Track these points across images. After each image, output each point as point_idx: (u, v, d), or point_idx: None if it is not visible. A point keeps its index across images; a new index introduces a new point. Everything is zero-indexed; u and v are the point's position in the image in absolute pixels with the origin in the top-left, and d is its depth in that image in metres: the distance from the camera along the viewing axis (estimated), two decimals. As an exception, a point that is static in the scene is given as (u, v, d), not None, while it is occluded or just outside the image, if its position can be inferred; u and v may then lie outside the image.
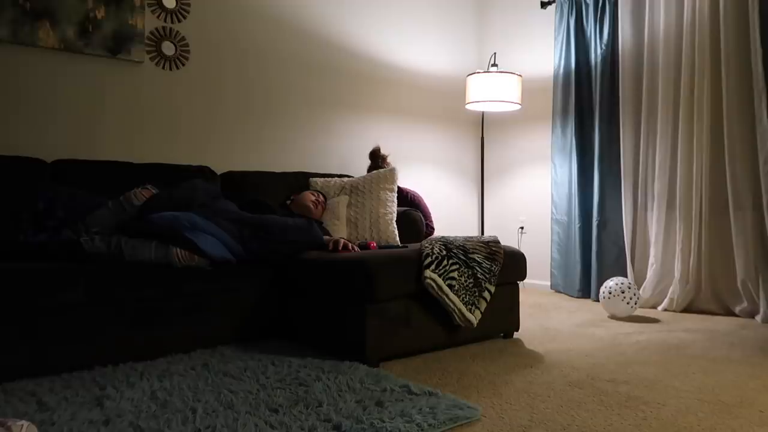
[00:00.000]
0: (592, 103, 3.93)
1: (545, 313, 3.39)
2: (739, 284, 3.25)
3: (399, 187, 3.71)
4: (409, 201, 3.63)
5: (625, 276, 3.63)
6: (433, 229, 3.64)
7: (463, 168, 4.72)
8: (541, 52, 4.32)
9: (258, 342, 2.53)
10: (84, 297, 2.12)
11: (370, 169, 3.63)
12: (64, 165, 2.76)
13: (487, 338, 2.65)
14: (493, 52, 4.30)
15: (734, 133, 3.25)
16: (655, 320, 3.18)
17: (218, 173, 3.25)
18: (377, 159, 3.64)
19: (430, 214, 3.66)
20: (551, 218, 4.17)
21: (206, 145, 3.40)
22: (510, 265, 2.64)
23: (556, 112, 4.13)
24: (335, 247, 2.60)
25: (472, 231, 4.73)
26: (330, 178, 3.50)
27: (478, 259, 2.52)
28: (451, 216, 4.50)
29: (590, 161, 3.94)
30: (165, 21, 3.25)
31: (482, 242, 2.62)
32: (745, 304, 3.24)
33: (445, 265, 2.40)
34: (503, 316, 2.67)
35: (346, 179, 3.46)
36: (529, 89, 4.25)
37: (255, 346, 2.46)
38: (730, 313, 3.30)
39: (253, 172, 3.37)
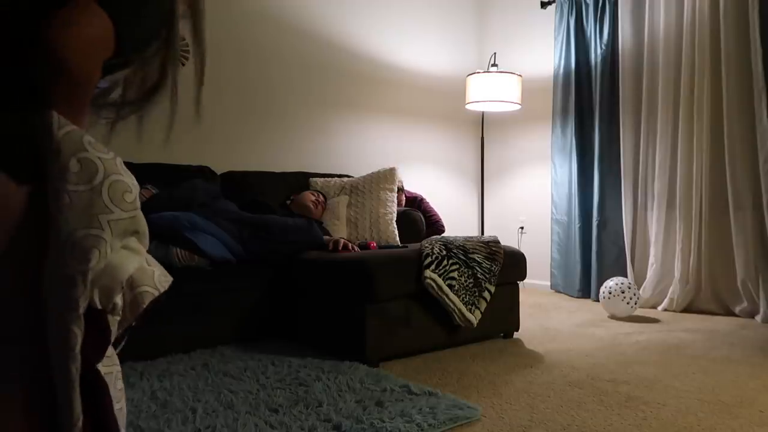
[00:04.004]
0: (592, 103, 3.93)
1: (545, 313, 3.39)
2: (739, 284, 3.25)
3: (407, 192, 3.75)
4: (416, 204, 3.69)
5: (625, 276, 3.63)
6: (443, 227, 3.67)
7: (463, 168, 4.72)
8: (541, 52, 4.32)
9: (258, 342, 2.53)
10: (84, 297, 2.12)
11: None
12: (64, 165, 2.76)
13: (487, 338, 2.65)
14: (493, 52, 4.30)
15: (734, 133, 3.25)
16: (655, 320, 3.18)
17: (218, 173, 3.25)
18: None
19: (437, 214, 3.70)
20: (551, 218, 4.17)
21: (206, 145, 3.40)
22: (510, 265, 2.64)
23: (556, 112, 4.13)
24: (335, 247, 2.60)
25: (472, 231, 4.73)
26: (330, 178, 3.50)
27: (478, 259, 2.52)
28: (451, 216, 4.49)
29: (590, 161, 3.93)
30: (165, 21, 3.24)
31: (482, 242, 2.62)
32: (745, 304, 3.24)
33: (445, 265, 2.40)
34: (503, 316, 2.67)
35: (346, 179, 3.46)
36: (529, 89, 4.25)
37: (255, 346, 2.46)
38: (730, 313, 3.30)
39: (253, 172, 3.37)
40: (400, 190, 3.66)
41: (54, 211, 0.80)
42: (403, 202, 3.67)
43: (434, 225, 3.64)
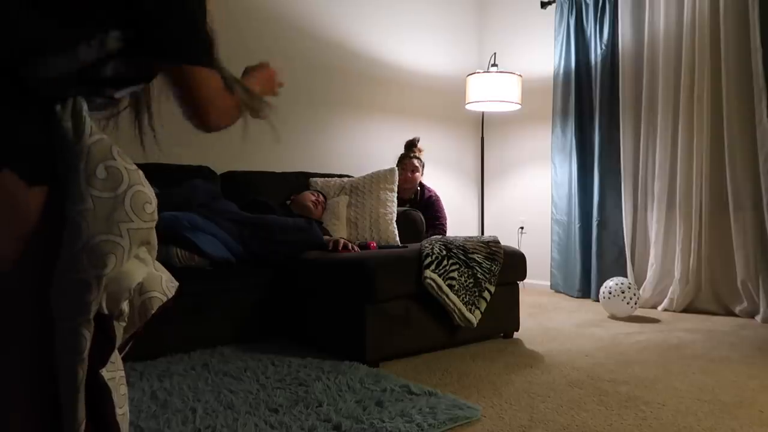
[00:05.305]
0: (592, 103, 3.93)
1: (545, 313, 3.39)
2: (739, 284, 3.25)
3: (422, 184, 3.80)
4: (425, 199, 3.72)
5: (625, 276, 3.62)
6: (446, 233, 3.69)
7: (463, 168, 4.72)
8: (541, 52, 4.32)
9: (258, 342, 2.53)
10: (84, 297, 2.11)
11: (399, 160, 3.74)
12: (64, 165, 2.76)
13: (487, 338, 2.65)
14: (493, 52, 4.30)
15: (734, 133, 3.25)
16: (655, 320, 3.18)
17: (218, 173, 3.24)
18: (411, 149, 3.75)
19: (446, 218, 3.74)
20: (551, 218, 4.17)
21: (206, 145, 3.40)
22: (510, 265, 2.64)
23: (556, 112, 4.13)
24: (335, 247, 2.60)
25: (472, 231, 4.73)
26: (330, 178, 3.50)
27: (478, 259, 2.52)
28: (451, 216, 4.49)
29: (590, 161, 3.93)
30: (165, 21, 3.24)
31: (482, 242, 2.62)
32: (745, 304, 3.24)
33: (445, 265, 2.40)
34: (503, 316, 2.67)
35: (346, 179, 3.46)
36: (529, 89, 4.25)
37: (255, 346, 2.46)
38: (730, 313, 3.30)
39: (254, 172, 3.37)
40: (418, 157, 3.70)
41: (74, 214, 0.81)
42: (420, 177, 3.72)
43: (438, 228, 3.63)
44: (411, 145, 3.77)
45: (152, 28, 0.90)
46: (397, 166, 3.69)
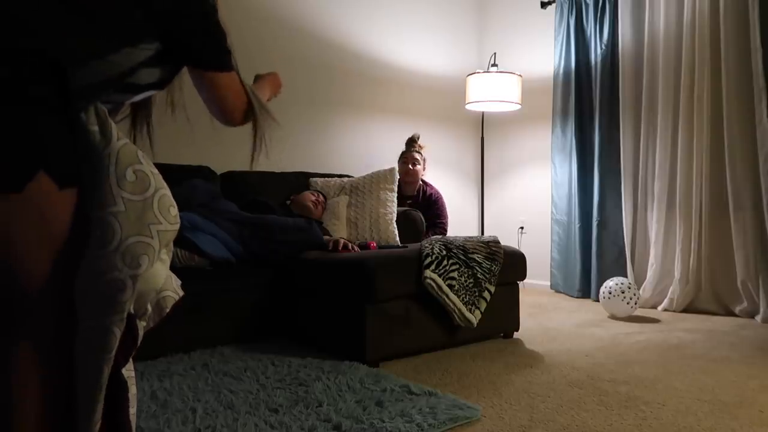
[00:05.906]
0: (592, 103, 3.93)
1: (545, 313, 3.39)
2: (739, 284, 3.25)
3: (423, 181, 3.81)
4: (426, 197, 3.73)
5: (625, 276, 3.62)
6: (445, 229, 3.70)
7: (463, 168, 4.72)
8: (541, 52, 4.32)
9: (258, 342, 2.53)
10: (84, 297, 2.11)
11: (400, 155, 3.79)
12: (64, 165, 2.76)
13: (487, 338, 2.65)
14: (493, 52, 4.29)
15: (734, 133, 3.25)
16: (655, 320, 3.18)
17: (218, 173, 3.24)
18: (411, 144, 3.79)
19: (447, 219, 3.75)
20: (551, 218, 4.17)
21: (206, 145, 3.40)
22: (510, 265, 2.64)
23: (556, 112, 4.13)
24: (335, 247, 2.60)
25: (472, 231, 4.73)
26: (330, 178, 3.50)
27: (478, 259, 2.52)
28: (452, 216, 4.49)
29: (590, 161, 3.93)
30: (165, 21, 3.24)
31: (482, 242, 2.62)
32: (745, 304, 3.24)
33: (445, 265, 2.40)
34: (503, 316, 2.67)
35: (346, 179, 3.46)
36: (529, 89, 4.25)
37: (255, 346, 2.46)
38: (730, 313, 3.30)
39: (253, 172, 3.36)
40: (418, 152, 3.73)
41: (104, 216, 0.82)
42: (421, 171, 3.74)
43: (438, 227, 3.63)
44: (411, 141, 3.82)
45: (187, 38, 0.95)
46: (398, 161, 3.73)
